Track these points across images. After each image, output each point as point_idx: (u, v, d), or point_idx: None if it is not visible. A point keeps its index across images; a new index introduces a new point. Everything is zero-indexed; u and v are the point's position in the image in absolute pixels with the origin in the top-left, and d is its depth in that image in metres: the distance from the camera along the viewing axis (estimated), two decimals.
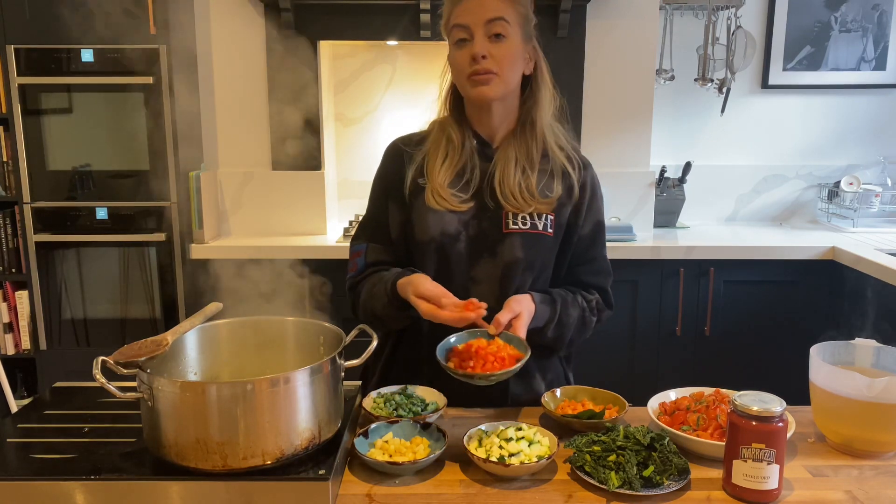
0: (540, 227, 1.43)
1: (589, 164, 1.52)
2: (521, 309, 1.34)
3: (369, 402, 1.34)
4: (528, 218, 1.42)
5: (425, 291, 1.31)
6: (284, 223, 3.14)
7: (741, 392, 1.11)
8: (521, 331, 1.32)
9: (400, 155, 1.49)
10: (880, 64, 3.37)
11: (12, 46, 2.73)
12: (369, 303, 1.44)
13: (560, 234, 1.46)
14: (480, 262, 1.42)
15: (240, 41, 3.05)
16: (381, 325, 1.45)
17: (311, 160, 3.11)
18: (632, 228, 3.03)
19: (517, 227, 1.42)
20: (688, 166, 3.29)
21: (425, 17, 2.91)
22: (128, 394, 1.06)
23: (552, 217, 1.44)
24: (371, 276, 1.47)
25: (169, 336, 1.14)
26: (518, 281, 1.43)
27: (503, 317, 1.31)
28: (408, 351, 1.50)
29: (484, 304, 1.28)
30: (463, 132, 1.45)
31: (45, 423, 1.24)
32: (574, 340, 1.49)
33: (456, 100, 1.48)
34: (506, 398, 1.46)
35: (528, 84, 1.45)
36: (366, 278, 1.48)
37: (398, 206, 1.47)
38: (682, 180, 3.30)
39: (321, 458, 1.10)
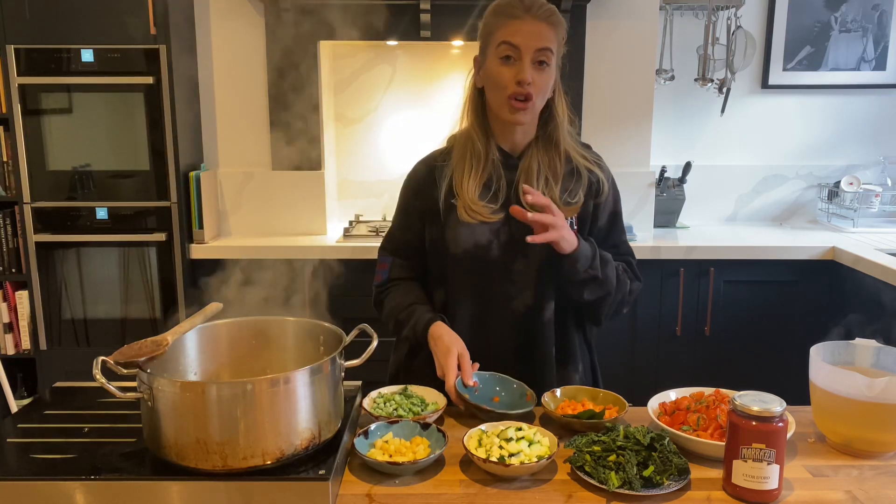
0: None
1: (601, 159, 1.58)
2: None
3: (369, 402, 1.34)
4: None
5: (440, 356, 1.43)
6: (284, 223, 3.14)
7: (741, 392, 1.11)
8: (557, 213, 1.37)
9: (432, 171, 1.54)
10: (880, 64, 3.36)
11: (12, 46, 2.73)
12: (393, 317, 1.55)
13: (584, 227, 1.52)
14: (515, 265, 1.48)
15: (240, 41, 3.05)
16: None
17: (311, 160, 3.11)
18: (632, 228, 3.03)
19: None
20: (688, 166, 3.29)
21: (425, 17, 2.91)
22: (128, 394, 1.06)
23: (575, 214, 1.50)
24: (394, 290, 1.58)
25: (169, 336, 1.14)
26: (553, 278, 1.48)
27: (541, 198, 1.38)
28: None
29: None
30: (488, 143, 1.49)
31: (45, 423, 1.25)
32: (614, 298, 1.50)
33: (477, 107, 1.51)
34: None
35: (548, 105, 1.49)
36: (388, 290, 1.59)
37: (431, 224, 1.53)
38: (682, 180, 3.30)
39: (321, 458, 1.10)
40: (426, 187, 1.54)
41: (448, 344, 1.43)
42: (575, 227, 1.49)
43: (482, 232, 1.47)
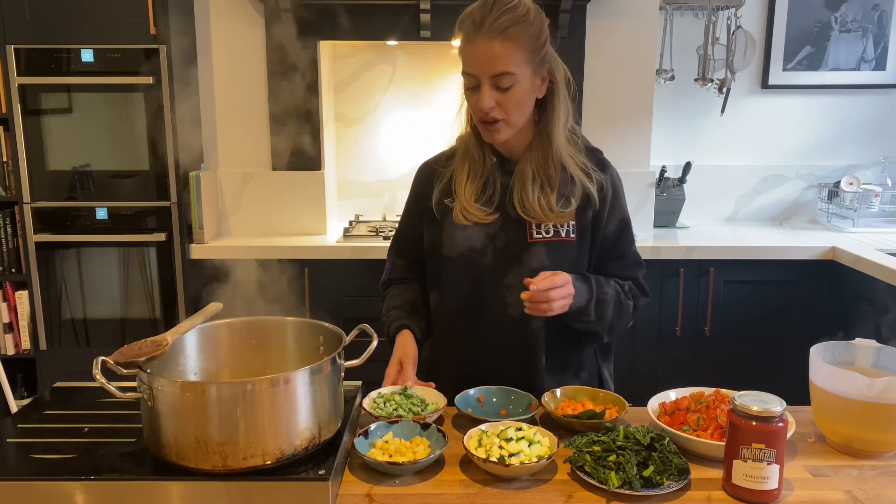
0: (563, 234, 1.47)
1: (607, 163, 1.54)
2: (555, 274, 1.36)
3: (369, 402, 1.34)
4: (550, 227, 1.46)
5: (391, 367, 1.49)
6: (284, 223, 3.14)
7: (741, 392, 1.11)
8: (564, 281, 1.36)
9: (431, 174, 1.56)
10: (880, 64, 3.36)
11: (12, 46, 2.73)
12: (383, 318, 1.62)
13: (585, 236, 1.49)
14: (510, 271, 1.47)
15: (240, 41, 3.05)
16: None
17: (311, 160, 3.11)
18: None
19: (541, 236, 1.46)
20: (688, 166, 3.29)
21: (425, 17, 2.91)
22: (128, 394, 1.06)
23: (573, 222, 1.47)
24: (391, 291, 1.65)
25: (169, 336, 1.14)
26: None
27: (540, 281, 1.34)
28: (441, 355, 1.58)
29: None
30: (483, 149, 1.49)
31: (45, 423, 1.25)
32: (614, 325, 1.51)
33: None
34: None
35: (543, 103, 1.46)
36: (388, 290, 1.66)
37: (429, 225, 1.54)
38: (682, 180, 3.30)
39: (321, 458, 1.10)
40: (425, 188, 1.55)
41: (394, 352, 1.50)
42: (573, 236, 1.46)
43: (477, 236, 1.47)
